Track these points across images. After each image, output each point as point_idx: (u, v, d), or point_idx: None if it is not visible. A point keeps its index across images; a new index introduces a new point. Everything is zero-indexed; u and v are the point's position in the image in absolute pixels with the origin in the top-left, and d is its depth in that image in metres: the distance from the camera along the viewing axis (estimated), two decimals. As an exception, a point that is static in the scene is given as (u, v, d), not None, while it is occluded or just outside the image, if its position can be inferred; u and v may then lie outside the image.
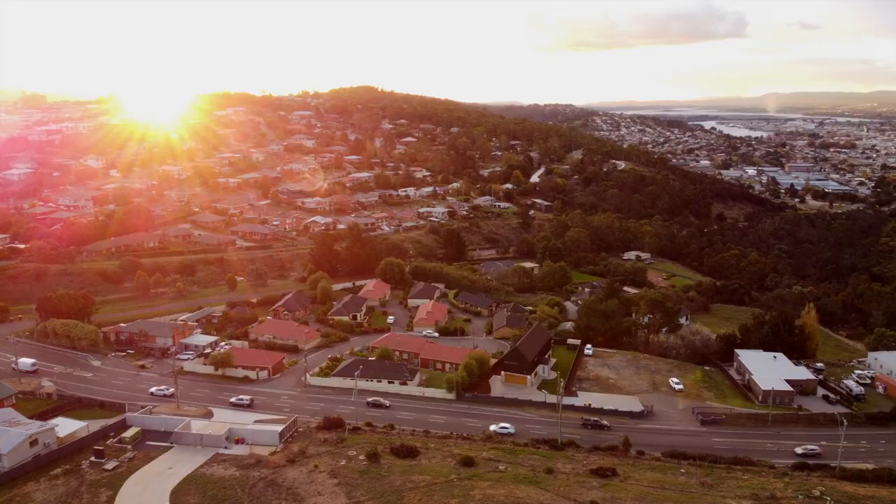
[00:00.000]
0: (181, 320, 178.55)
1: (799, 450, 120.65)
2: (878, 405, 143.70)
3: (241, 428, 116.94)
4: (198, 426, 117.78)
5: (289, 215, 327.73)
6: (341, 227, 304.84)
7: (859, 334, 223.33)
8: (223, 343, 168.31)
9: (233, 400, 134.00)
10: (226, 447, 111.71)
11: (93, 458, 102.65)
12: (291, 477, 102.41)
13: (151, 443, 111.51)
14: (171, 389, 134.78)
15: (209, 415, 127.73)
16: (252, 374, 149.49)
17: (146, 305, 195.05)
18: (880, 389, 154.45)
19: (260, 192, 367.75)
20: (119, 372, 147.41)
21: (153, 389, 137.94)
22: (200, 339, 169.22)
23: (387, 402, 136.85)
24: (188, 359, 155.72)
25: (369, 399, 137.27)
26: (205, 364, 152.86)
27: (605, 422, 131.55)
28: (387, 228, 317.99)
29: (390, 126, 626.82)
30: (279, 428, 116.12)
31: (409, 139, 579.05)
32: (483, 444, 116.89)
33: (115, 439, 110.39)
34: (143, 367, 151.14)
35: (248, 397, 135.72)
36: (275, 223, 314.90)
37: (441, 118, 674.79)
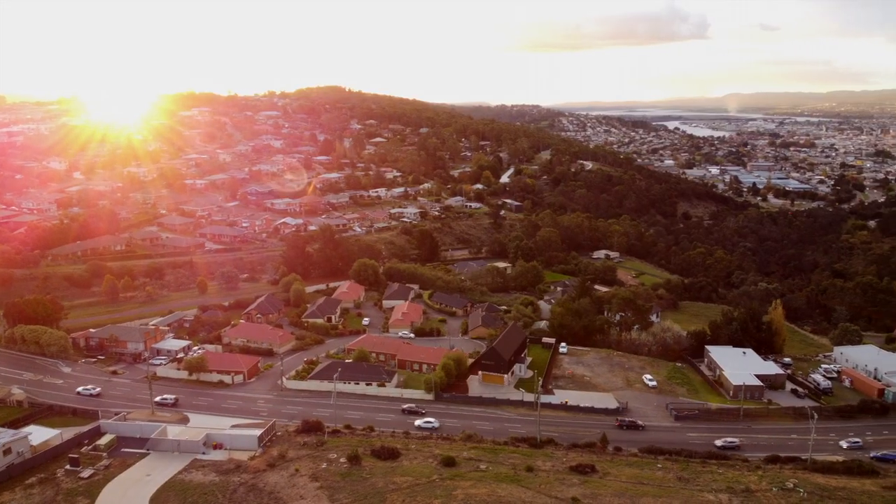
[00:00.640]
0: (152, 325, 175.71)
1: (718, 442, 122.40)
2: (845, 399, 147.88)
3: (218, 433, 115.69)
4: (174, 432, 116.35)
5: (258, 217, 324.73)
6: (312, 228, 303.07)
7: (823, 329, 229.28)
8: (196, 347, 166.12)
9: (157, 399, 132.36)
10: (204, 452, 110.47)
11: (68, 467, 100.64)
12: (272, 481, 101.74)
13: (127, 450, 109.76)
14: (98, 389, 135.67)
15: (185, 420, 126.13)
16: (227, 379, 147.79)
17: (115, 310, 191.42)
18: (847, 383, 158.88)
19: (228, 193, 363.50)
20: (90, 378, 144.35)
21: (79, 389, 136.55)
22: (172, 343, 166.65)
23: (423, 410, 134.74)
24: (161, 364, 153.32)
25: (404, 406, 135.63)
26: (178, 369, 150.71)
27: (640, 422, 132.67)
28: (359, 229, 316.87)
29: (359, 126, 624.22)
30: (258, 432, 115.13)
31: (379, 139, 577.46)
32: (463, 444, 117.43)
33: (90, 447, 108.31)
34: (114, 372, 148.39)
35: (173, 396, 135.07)
36: (244, 225, 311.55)
37: (410, 118, 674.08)
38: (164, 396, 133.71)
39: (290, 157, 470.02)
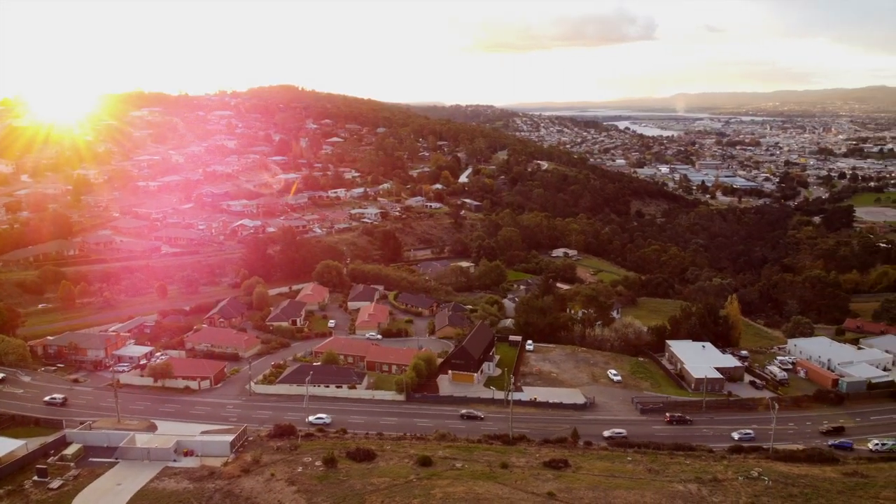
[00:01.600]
0: (112, 331, 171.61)
1: (607, 433, 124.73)
2: (801, 389, 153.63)
3: (189, 440, 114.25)
4: (142, 440, 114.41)
5: (215, 219, 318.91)
6: (271, 230, 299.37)
7: (776, 322, 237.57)
8: (159, 353, 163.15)
9: (46, 399, 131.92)
10: (175, 460, 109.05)
11: (36, 478, 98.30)
12: (248, 487, 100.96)
13: (95, 459, 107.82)
14: (63, 397, 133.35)
15: (153, 428, 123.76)
16: (193, 385, 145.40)
17: (72, 317, 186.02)
18: (802, 374, 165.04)
19: (182, 195, 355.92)
20: (51, 387, 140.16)
21: (47, 398, 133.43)
22: (134, 349, 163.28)
23: (481, 414, 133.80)
24: (124, 371, 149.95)
25: (463, 411, 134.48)
26: (142, 376, 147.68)
27: (688, 417, 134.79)
28: (319, 231, 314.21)
29: (315, 126, 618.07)
30: (229, 438, 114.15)
31: (336, 139, 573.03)
32: (438, 443, 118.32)
33: (57, 457, 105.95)
34: (76, 381, 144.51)
35: (62, 396, 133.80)
36: (200, 227, 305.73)
37: (367, 118, 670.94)
38: (53, 396, 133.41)
39: (245, 157, 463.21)
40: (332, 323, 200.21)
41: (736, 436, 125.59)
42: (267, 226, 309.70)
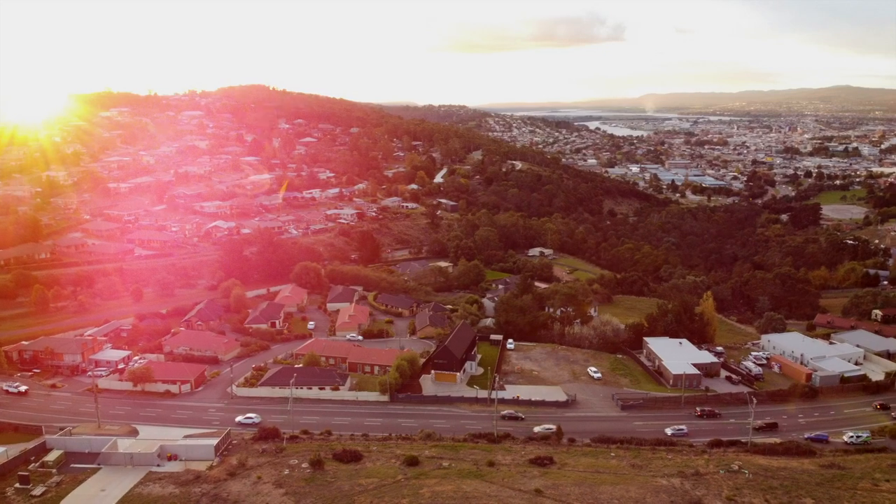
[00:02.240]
0: (88, 335, 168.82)
1: (538, 428, 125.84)
2: (775, 384, 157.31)
3: (172, 444, 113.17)
4: (124, 445, 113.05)
5: (188, 221, 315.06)
6: (245, 231, 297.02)
7: (748, 318, 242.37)
8: (137, 357, 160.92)
9: (4, 387, 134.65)
10: (158, 465, 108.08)
11: (18, 485, 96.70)
12: (236, 490, 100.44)
13: (77, 465, 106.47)
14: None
15: (134, 432, 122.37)
16: (174, 388, 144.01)
17: (47, 321, 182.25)
18: (776, 369, 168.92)
19: (154, 196, 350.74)
20: (29, 393, 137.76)
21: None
22: (112, 354, 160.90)
23: (522, 415, 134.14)
24: (102, 375, 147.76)
25: (504, 412, 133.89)
26: (121, 380, 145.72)
27: (717, 410, 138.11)
28: (294, 232, 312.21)
29: (288, 126, 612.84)
30: (214, 441, 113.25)
31: (309, 139, 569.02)
32: (424, 443, 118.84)
33: (38, 463, 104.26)
34: (53, 386, 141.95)
35: (24, 386, 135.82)
36: (174, 229, 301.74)
37: (340, 118, 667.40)
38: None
39: (218, 157, 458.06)
40: (311, 325, 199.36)
41: (669, 431, 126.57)
42: (241, 227, 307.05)
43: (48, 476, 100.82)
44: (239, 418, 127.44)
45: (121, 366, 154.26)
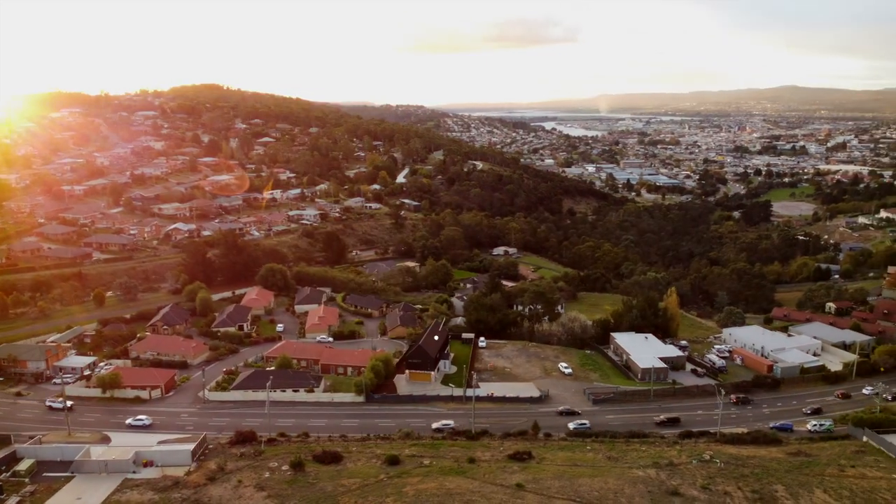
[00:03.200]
0: (52, 342, 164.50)
1: (436, 424, 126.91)
2: (739, 375, 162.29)
3: (147, 450, 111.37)
4: (97, 452, 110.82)
5: (147, 223, 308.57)
6: (206, 233, 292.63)
7: (708, 313, 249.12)
8: (103, 363, 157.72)
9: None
10: (134, 471, 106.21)
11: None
12: (217, 495, 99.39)
13: (49, 474, 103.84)
14: None
15: (106, 440, 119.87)
16: (143, 394, 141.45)
17: (6, 328, 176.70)
18: (738, 361, 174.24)
19: (111, 199, 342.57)
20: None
21: None
22: (77, 360, 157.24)
23: (579, 410, 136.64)
24: (69, 382, 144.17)
25: (560, 408, 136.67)
26: (88, 387, 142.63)
27: (752, 398, 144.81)
28: (256, 233, 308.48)
29: (244, 126, 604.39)
30: (190, 446, 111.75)
31: (267, 139, 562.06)
32: (403, 442, 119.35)
33: (9, 473, 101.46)
34: (18, 394, 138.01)
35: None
36: (132, 232, 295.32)
37: (298, 118, 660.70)
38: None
39: (174, 158, 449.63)
40: (280, 327, 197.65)
41: (572, 426, 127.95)
42: (202, 229, 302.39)
43: (21, 486, 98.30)
44: (129, 420, 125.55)
45: (87, 372, 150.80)
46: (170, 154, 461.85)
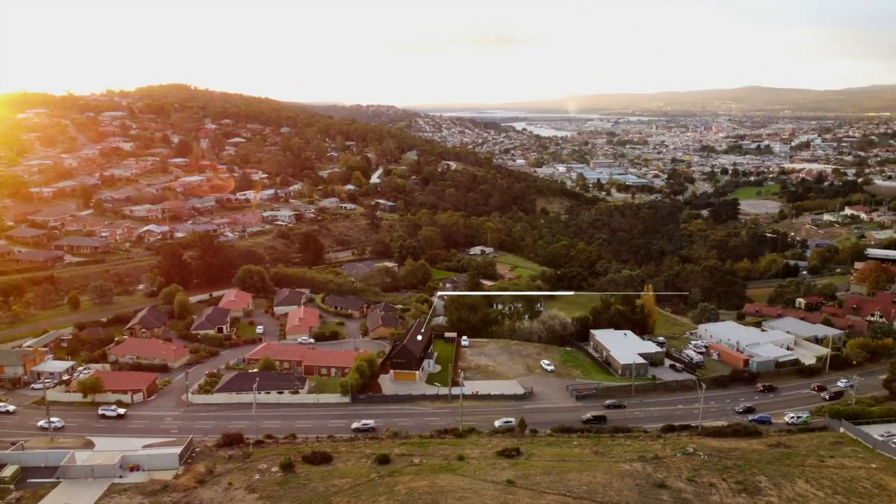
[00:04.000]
0: (28, 346, 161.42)
1: (356, 424, 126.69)
2: (716, 370, 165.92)
3: (134, 454, 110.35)
4: (82, 457, 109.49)
5: (118, 225, 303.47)
6: (180, 235, 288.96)
7: (682, 310, 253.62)
8: (81, 367, 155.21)
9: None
10: (121, 476, 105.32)
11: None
12: (208, 497, 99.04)
13: (35, 480, 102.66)
14: None
15: (90, 444, 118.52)
16: (125, 398, 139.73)
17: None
18: (714, 356, 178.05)
19: (80, 201, 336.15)
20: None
21: None
22: (54, 365, 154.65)
23: (624, 404, 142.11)
24: (50, 386, 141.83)
25: (607, 402, 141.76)
26: (68, 391, 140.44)
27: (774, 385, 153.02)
28: (231, 235, 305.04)
29: (214, 126, 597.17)
30: (177, 450, 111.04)
31: (238, 140, 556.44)
32: (392, 441, 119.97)
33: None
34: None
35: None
36: (104, 234, 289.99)
37: (269, 118, 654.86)
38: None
39: (144, 159, 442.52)
40: (260, 329, 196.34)
41: (497, 423, 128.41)
42: (175, 231, 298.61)
43: (7, 492, 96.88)
44: (41, 423, 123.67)
45: (66, 377, 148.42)
46: (139, 155, 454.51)
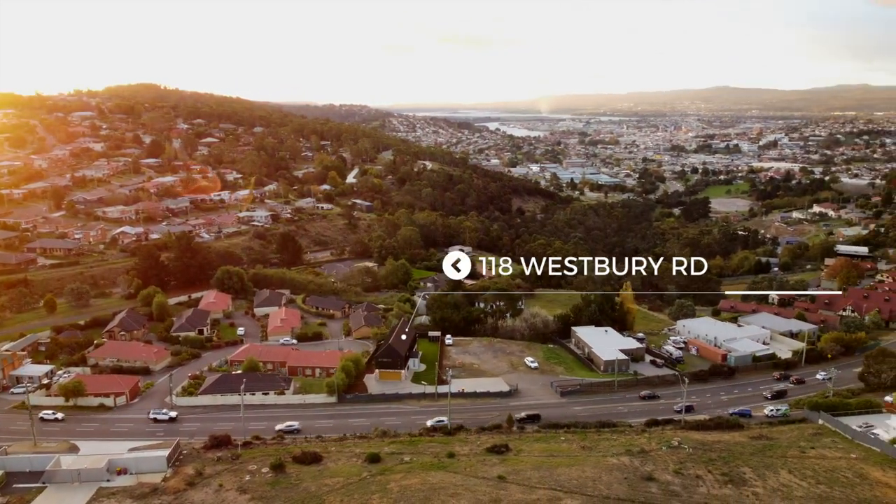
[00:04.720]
0: (5, 350, 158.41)
1: (279, 426, 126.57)
2: (695, 365, 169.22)
3: (121, 457, 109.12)
4: (68, 461, 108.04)
5: (91, 227, 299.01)
6: (155, 236, 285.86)
7: (658, 307, 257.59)
8: (61, 371, 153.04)
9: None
10: (108, 479, 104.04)
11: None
12: (199, 499, 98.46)
13: (20, 485, 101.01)
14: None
15: (75, 448, 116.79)
16: (108, 402, 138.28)
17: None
18: (693, 351, 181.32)
19: (52, 202, 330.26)
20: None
21: None
22: (33, 369, 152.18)
23: (660, 394, 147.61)
24: (33, 391, 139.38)
25: (643, 392, 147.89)
26: (48, 395, 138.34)
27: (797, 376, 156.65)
28: (206, 236, 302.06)
29: (186, 126, 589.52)
30: (165, 452, 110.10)
31: (211, 140, 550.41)
32: (381, 440, 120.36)
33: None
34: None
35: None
36: (77, 236, 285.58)
37: (242, 118, 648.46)
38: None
39: (116, 160, 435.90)
40: (241, 330, 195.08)
41: (429, 423, 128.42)
42: (150, 232, 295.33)
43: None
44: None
45: (45, 381, 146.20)
46: (110, 155, 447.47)
